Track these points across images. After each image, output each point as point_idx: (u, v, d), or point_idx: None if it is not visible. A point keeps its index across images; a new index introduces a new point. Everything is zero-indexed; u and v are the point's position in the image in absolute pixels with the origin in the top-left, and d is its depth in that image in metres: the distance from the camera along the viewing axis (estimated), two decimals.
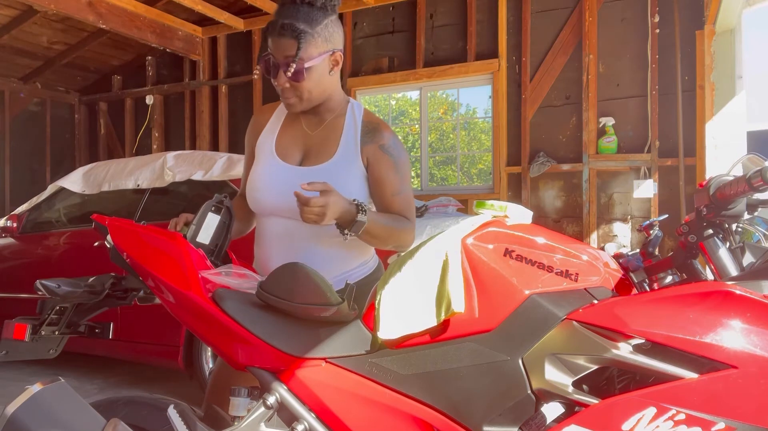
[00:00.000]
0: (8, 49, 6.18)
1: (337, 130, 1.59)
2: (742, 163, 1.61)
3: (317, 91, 1.53)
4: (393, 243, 1.53)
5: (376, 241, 1.50)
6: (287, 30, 1.45)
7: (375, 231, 1.45)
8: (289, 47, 1.46)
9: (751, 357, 0.97)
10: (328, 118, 1.61)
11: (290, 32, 1.45)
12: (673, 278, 1.30)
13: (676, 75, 4.54)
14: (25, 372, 4.11)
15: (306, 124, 1.62)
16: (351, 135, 1.58)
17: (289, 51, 1.46)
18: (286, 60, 1.47)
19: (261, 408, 1.23)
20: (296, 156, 1.60)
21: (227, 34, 6.30)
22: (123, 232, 1.41)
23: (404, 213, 1.56)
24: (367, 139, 1.57)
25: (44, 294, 1.34)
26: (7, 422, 1.19)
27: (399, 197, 1.56)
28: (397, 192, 1.56)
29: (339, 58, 1.55)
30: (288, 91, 1.52)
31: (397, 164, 1.56)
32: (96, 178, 4.12)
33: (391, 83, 5.64)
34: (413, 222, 1.57)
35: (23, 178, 6.86)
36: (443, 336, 1.16)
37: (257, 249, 1.64)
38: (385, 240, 1.50)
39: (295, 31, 1.44)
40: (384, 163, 1.55)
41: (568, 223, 4.95)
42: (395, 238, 1.51)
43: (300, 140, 1.61)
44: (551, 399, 1.09)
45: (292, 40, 1.45)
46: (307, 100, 1.54)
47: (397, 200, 1.56)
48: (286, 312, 1.25)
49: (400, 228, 1.52)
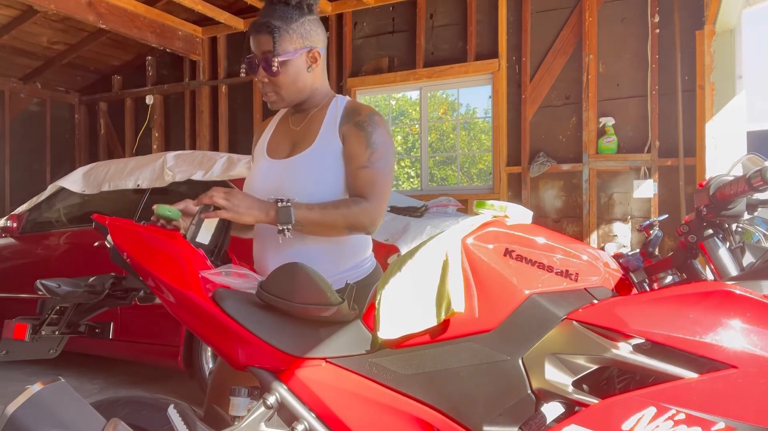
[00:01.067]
0: (8, 49, 6.18)
1: (318, 119, 1.61)
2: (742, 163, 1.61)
3: (294, 87, 1.58)
4: (346, 228, 1.47)
5: (323, 229, 1.47)
6: (263, 27, 1.52)
7: (314, 220, 1.43)
8: (264, 43, 1.53)
9: (751, 357, 0.97)
10: (312, 112, 1.64)
11: (265, 28, 1.52)
12: (673, 278, 1.30)
13: (676, 75, 4.54)
14: (25, 372, 4.11)
15: (292, 122, 1.67)
16: (331, 120, 1.59)
17: (265, 46, 1.53)
18: (264, 56, 1.53)
19: (261, 408, 1.23)
20: (284, 151, 1.63)
21: (227, 34, 6.30)
22: (123, 232, 1.41)
23: (364, 189, 1.50)
24: (344, 120, 1.57)
25: (44, 294, 1.34)
26: (7, 422, 1.19)
27: (364, 171, 1.51)
28: (363, 166, 1.51)
29: (317, 55, 1.59)
30: (267, 86, 1.58)
31: (369, 139, 1.52)
32: (96, 178, 4.12)
33: (391, 83, 5.64)
34: (374, 202, 1.48)
35: (23, 178, 6.86)
36: (443, 336, 1.16)
37: (254, 248, 1.65)
38: (333, 226, 1.46)
39: (270, 27, 1.51)
40: (355, 137, 1.54)
41: (568, 223, 4.95)
42: (344, 222, 1.45)
43: (288, 137, 1.65)
44: (551, 399, 1.09)
45: (267, 36, 1.52)
46: (286, 95, 1.58)
47: (361, 174, 1.51)
48: (286, 312, 1.25)
49: (350, 211, 1.45)
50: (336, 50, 5.79)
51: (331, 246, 1.56)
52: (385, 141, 1.55)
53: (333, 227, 1.46)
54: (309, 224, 1.43)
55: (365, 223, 1.48)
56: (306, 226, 1.44)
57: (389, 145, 1.56)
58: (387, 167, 1.54)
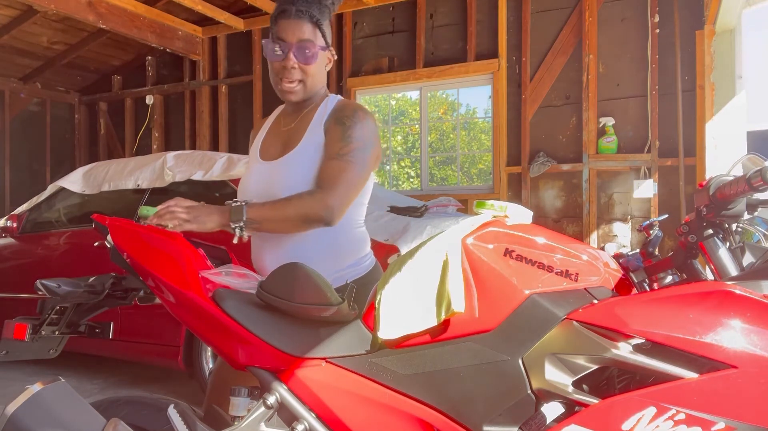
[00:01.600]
0: (8, 49, 6.19)
1: (308, 119, 1.61)
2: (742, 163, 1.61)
3: (316, 80, 1.59)
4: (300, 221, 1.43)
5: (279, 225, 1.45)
6: (305, 14, 1.52)
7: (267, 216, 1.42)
8: (305, 31, 1.53)
9: (751, 357, 0.97)
10: (304, 112, 1.63)
11: (308, 16, 1.52)
12: (673, 278, 1.30)
13: (676, 75, 4.55)
14: (25, 372, 4.11)
15: (284, 122, 1.67)
16: (319, 119, 1.58)
17: (304, 34, 1.53)
18: (300, 43, 1.52)
19: (261, 408, 1.23)
20: (275, 152, 1.62)
21: (227, 34, 6.30)
22: (123, 232, 1.41)
23: (325, 179, 1.46)
24: (330, 117, 1.57)
25: (44, 294, 1.34)
26: (7, 422, 1.19)
27: (330, 162, 1.47)
28: (331, 157, 1.48)
29: (332, 56, 1.63)
30: (295, 72, 1.55)
31: (345, 132, 1.49)
32: (96, 178, 4.12)
33: (391, 83, 5.64)
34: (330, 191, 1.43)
35: (23, 178, 6.86)
36: (443, 336, 1.16)
37: (252, 247, 1.65)
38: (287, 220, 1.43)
39: (313, 17, 1.53)
40: (332, 131, 1.52)
41: (568, 223, 4.95)
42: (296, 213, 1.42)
43: (279, 137, 1.65)
44: (551, 399, 1.09)
45: (309, 24, 1.53)
46: (310, 85, 1.58)
47: (327, 165, 1.48)
48: (286, 312, 1.25)
49: (303, 201, 1.42)
50: (336, 50, 5.79)
51: (327, 244, 1.56)
52: (364, 136, 1.50)
53: (287, 220, 1.43)
54: (263, 220, 1.42)
55: (320, 214, 1.41)
56: (261, 223, 1.43)
57: (368, 141, 1.51)
58: (359, 161, 1.48)
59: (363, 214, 1.66)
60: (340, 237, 1.58)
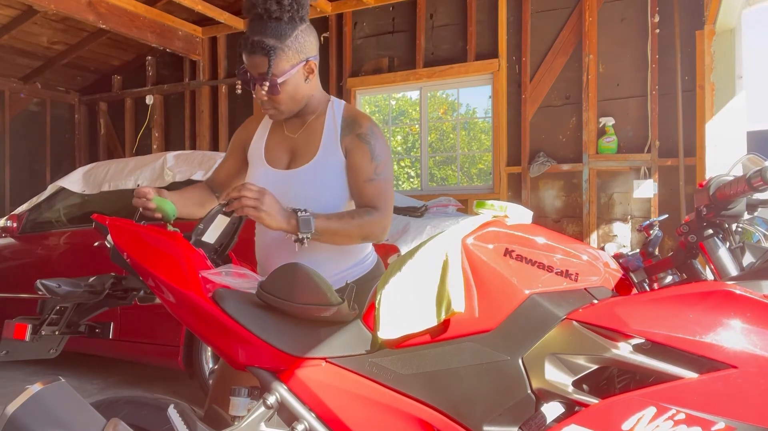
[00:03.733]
0: (8, 49, 6.19)
1: (318, 129, 1.61)
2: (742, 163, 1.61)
3: (294, 101, 1.56)
4: (360, 238, 1.52)
5: (340, 239, 1.49)
6: (257, 47, 1.47)
7: (332, 230, 1.45)
8: (260, 64, 1.48)
9: (751, 357, 0.97)
10: (309, 119, 1.63)
11: (260, 50, 1.47)
12: (673, 278, 1.30)
13: (676, 75, 4.54)
14: (25, 372, 4.11)
15: (287, 129, 1.65)
16: (331, 131, 1.59)
17: (261, 68, 1.48)
18: (261, 77, 1.49)
19: (261, 408, 1.23)
20: (284, 160, 1.63)
21: (227, 34, 6.31)
22: (123, 232, 1.41)
23: (374, 200, 1.53)
24: (346, 131, 1.58)
25: (44, 294, 1.34)
26: (7, 422, 1.19)
27: (371, 184, 1.54)
28: (370, 179, 1.55)
29: (313, 66, 1.57)
30: (267, 103, 1.55)
31: (373, 152, 1.56)
32: (96, 178, 4.12)
33: (391, 83, 5.64)
34: (384, 212, 1.54)
35: (23, 178, 6.86)
36: (443, 336, 1.16)
37: (257, 249, 1.66)
38: (349, 236, 1.49)
39: (265, 48, 1.46)
40: (359, 150, 1.56)
41: (568, 223, 4.95)
42: (359, 232, 1.50)
43: (285, 144, 1.64)
44: (551, 399, 1.09)
45: (263, 57, 1.47)
46: (286, 110, 1.57)
47: (368, 186, 1.54)
48: (286, 312, 1.25)
49: (364, 221, 1.49)
50: (336, 50, 5.80)
51: (333, 249, 1.57)
52: (385, 152, 1.59)
53: (348, 236, 1.49)
54: (327, 234, 1.45)
55: (378, 233, 1.52)
56: (323, 236, 1.44)
57: (389, 155, 1.61)
58: (389, 177, 1.58)
59: None
60: None
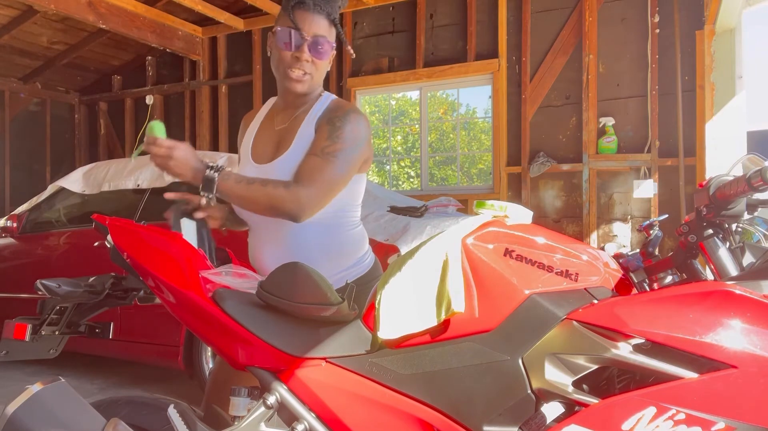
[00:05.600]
0: (8, 49, 6.19)
1: (301, 120, 1.58)
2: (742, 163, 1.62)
3: (321, 75, 1.59)
4: (267, 208, 1.42)
5: (247, 204, 1.44)
6: (323, 10, 1.52)
7: (237, 194, 1.42)
8: (321, 26, 1.53)
9: (751, 357, 0.97)
10: (298, 112, 1.60)
11: (326, 13, 1.53)
12: (673, 278, 1.30)
13: (676, 75, 4.55)
14: (25, 372, 4.11)
15: (276, 121, 1.64)
16: (311, 119, 1.56)
17: (320, 29, 1.52)
18: (316, 38, 1.52)
19: (261, 408, 1.23)
20: (268, 153, 1.59)
21: (227, 34, 6.30)
22: (123, 232, 1.41)
23: (304, 174, 1.43)
24: (322, 116, 1.55)
25: (44, 294, 1.34)
26: (7, 422, 1.19)
27: (311, 158, 1.46)
28: (313, 153, 1.47)
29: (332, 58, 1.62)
30: (306, 65, 1.53)
31: (334, 132, 1.48)
32: (96, 178, 4.12)
33: (391, 83, 5.64)
34: (308, 188, 1.41)
35: (23, 178, 6.86)
36: (443, 336, 1.16)
37: (249, 243, 1.65)
38: (256, 203, 1.42)
39: (330, 14, 1.53)
40: (321, 130, 1.51)
41: (568, 223, 4.95)
42: (267, 202, 1.40)
43: (271, 138, 1.62)
44: (551, 399, 1.09)
45: (327, 21, 1.54)
46: (316, 79, 1.57)
47: (308, 160, 1.46)
48: (286, 312, 1.25)
49: (275, 192, 1.40)
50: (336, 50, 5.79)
51: (326, 246, 1.56)
52: (353, 137, 1.48)
53: (256, 203, 1.43)
54: (233, 196, 1.43)
55: (291, 208, 1.40)
56: (230, 198, 1.44)
57: (356, 143, 1.49)
58: (341, 161, 1.45)
59: (358, 215, 1.65)
60: (338, 239, 1.58)
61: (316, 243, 1.54)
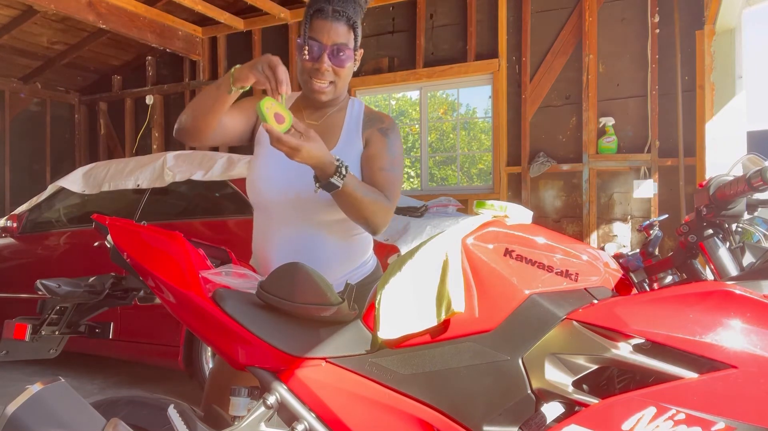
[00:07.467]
0: (8, 49, 6.18)
1: (339, 120, 1.61)
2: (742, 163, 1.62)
3: (346, 81, 1.58)
4: (367, 216, 1.43)
5: (350, 208, 1.43)
6: (342, 16, 1.48)
7: (351, 195, 1.38)
8: (342, 34, 1.49)
9: (751, 357, 0.97)
10: (330, 111, 1.63)
11: (345, 20, 1.49)
12: (673, 278, 1.30)
13: (676, 75, 4.54)
14: (25, 372, 4.11)
15: (307, 116, 1.63)
16: (353, 124, 1.60)
17: (339, 37, 1.49)
18: (335, 46, 1.49)
19: (261, 408, 1.23)
20: None
21: (227, 34, 6.30)
22: (123, 232, 1.41)
23: (386, 189, 1.50)
24: (368, 124, 1.60)
25: (44, 294, 1.34)
26: (7, 422, 1.19)
27: (384, 173, 1.53)
28: (384, 168, 1.53)
29: (359, 56, 1.59)
30: (328, 74, 1.52)
31: (390, 147, 1.56)
32: (96, 178, 4.12)
33: (391, 83, 5.64)
34: (392, 203, 1.50)
35: (23, 178, 6.86)
36: (443, 336, 1.16)
37: (256, 247, 1.64)
38: (360, 209, 1.42)
39: (350, 20, 1.50)
40: (379, 141, 1.57)
41: (568, 223, 4.95)
42: (370, 211, 1.42)
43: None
44: (551, 399, 1.09)
45: (346, 28, 1.50)
46: (339, 87, 1.57)
47: (381, 175, 1.52)
48: (286, 312, 1.25)
49: (378, 203, 1.44)
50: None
51: (337, 247, 1.56)
52: (401, 152, 1.60)
53: (363, 207, 1.41)
54: (349, 194, 1.38)
55: (380, 220, 1.46)
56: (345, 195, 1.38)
57: (402, 156, 1.62)
58: (400, 175, 1.57)
59: None
60: (347, 243, 1.59)
61: (327, 246, 1.55)
